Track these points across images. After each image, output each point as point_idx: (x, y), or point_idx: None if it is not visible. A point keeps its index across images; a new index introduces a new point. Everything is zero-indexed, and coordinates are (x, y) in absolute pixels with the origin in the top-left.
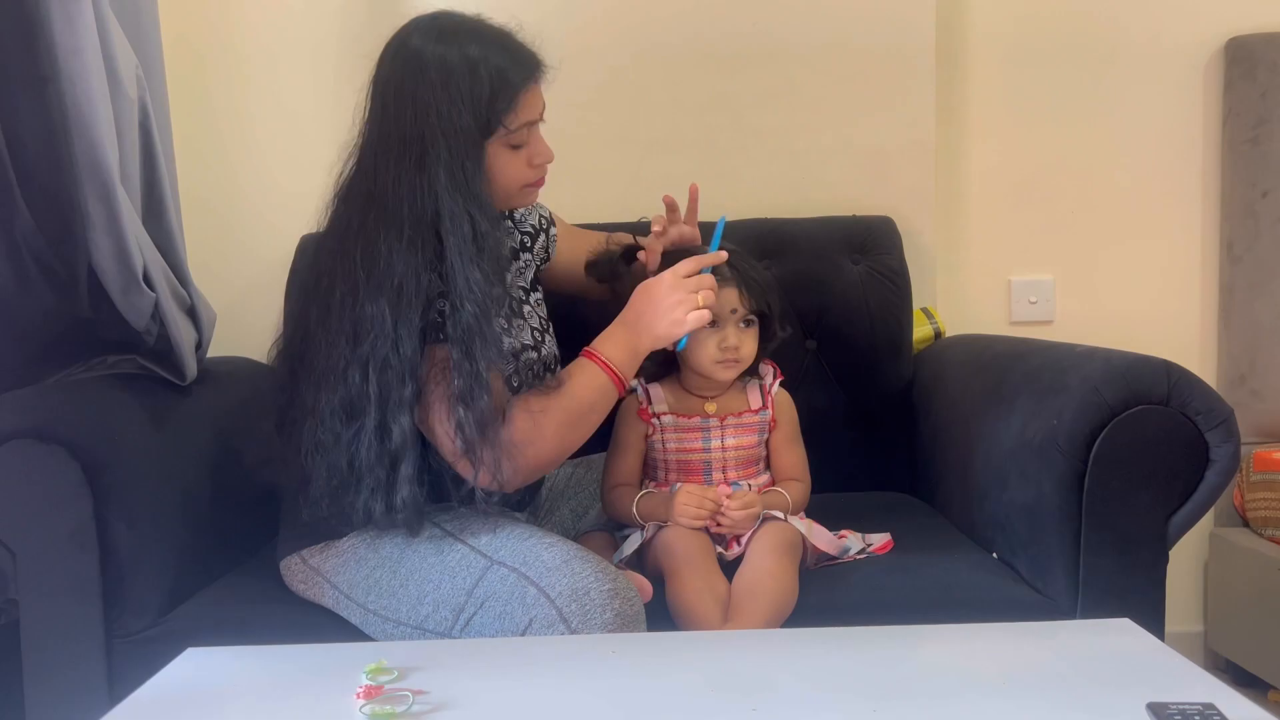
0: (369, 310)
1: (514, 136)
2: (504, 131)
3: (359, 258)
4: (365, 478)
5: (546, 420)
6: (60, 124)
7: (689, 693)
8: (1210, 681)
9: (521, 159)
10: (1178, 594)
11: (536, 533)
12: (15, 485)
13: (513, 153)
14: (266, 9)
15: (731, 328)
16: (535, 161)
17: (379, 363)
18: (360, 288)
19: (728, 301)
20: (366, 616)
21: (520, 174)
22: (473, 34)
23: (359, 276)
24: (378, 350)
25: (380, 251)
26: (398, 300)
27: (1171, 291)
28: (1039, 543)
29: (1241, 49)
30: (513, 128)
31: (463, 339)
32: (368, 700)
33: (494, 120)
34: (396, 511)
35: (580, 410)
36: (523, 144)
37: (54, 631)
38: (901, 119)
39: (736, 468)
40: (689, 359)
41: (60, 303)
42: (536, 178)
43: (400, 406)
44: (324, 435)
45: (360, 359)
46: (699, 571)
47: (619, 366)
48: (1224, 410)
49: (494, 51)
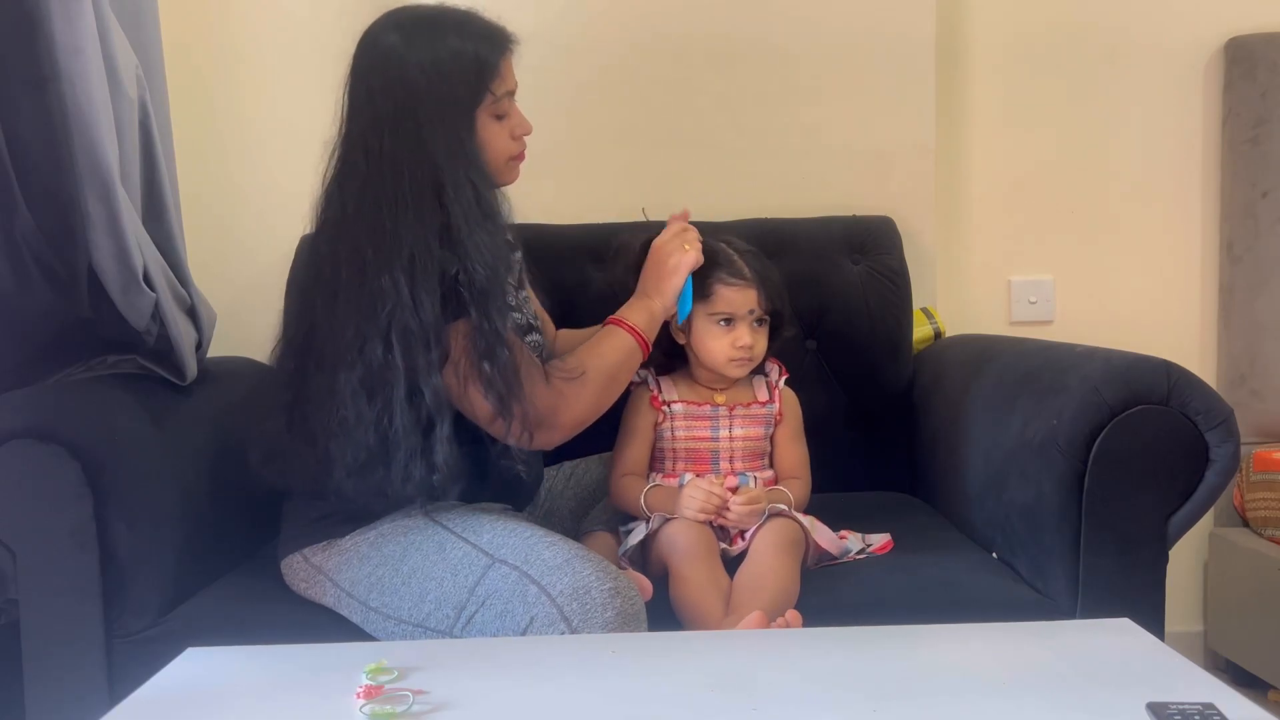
0: (382, 283)
1: (499, 105)
2: (491, 99)
3: (363, 238)
4: (401, 446)
5: (580, 380)
6: (60, 124)
7: (689, 693)
8: (1210, 681)
9: (505, 130)
10: (1178, 594)
11: (538, 531)
12: (15, 485)
13: (498, 124)
14: (267, 9)
15: (746, 327)
16: (516, 133)
17: (400, 331)
18: (368, 265)
19: (746, 301)
20: (368, 614)
21: (505, 145)
22: (445, 18)
23: (366, 255)
24: (397, 320)
25: (385, 227)
26: (411, 269)
27: (1171, 291)
28: (1039, 543)
29: (1241, 49)
30: (499, 94)
31: (480, 300)
32: (368, 700)
33: (481, 89)
34: (436, 471)
35: (610, 370)
36: (505, 114)
37: (54, 631)
38: (901, 119)
39: (744, 459)
40: (702, 355)
41: (60, 303)
42: (518, 150)
43: (429, 370)
44: (347, 414)
45: (380, 332)
46: (703, 567)
47: (641, 328)
48: (1224, 410)
49: (469, 29)
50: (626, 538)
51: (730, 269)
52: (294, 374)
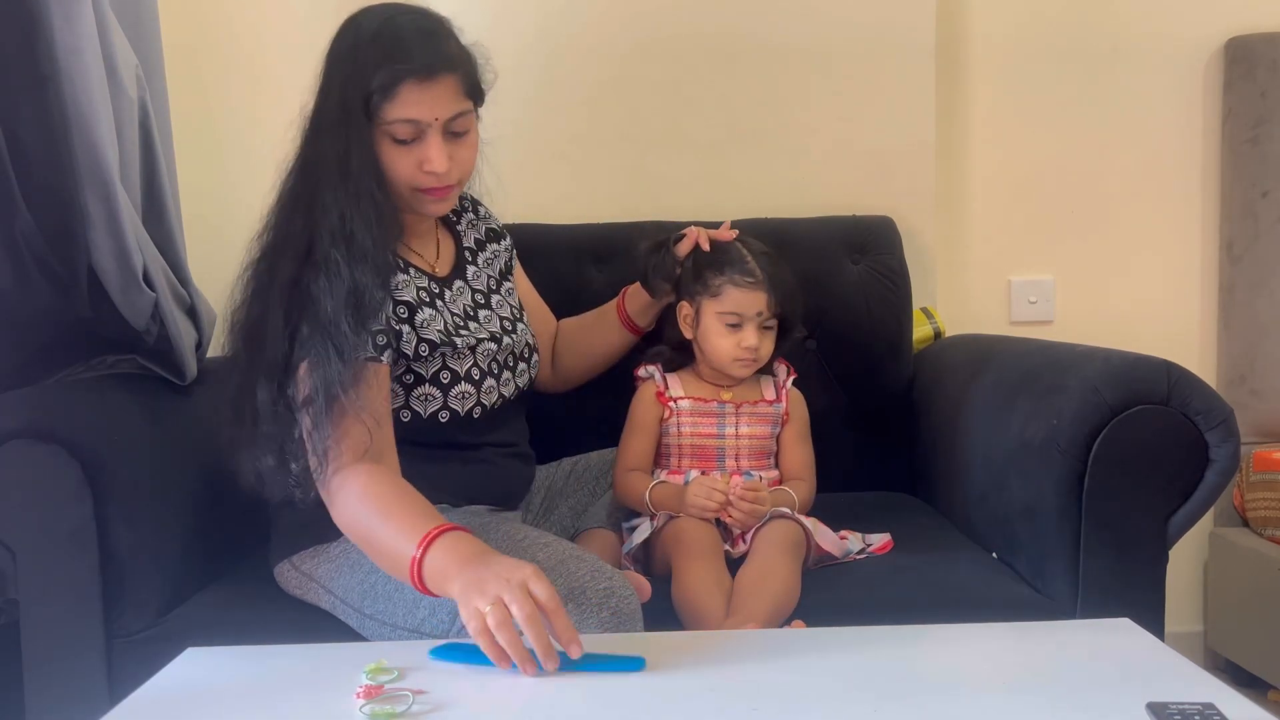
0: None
1: (394, 129)
2: (382, 121)
3: (270, 233)
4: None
5: (349, 511)
6: (60, 124)
7: (689, 692)
8: (1210, 681)
9: (409, 158)
10: (1178, 594)
11: (531, 533)
12: (15, 485)
13: (398, 149)
14: (267, 9)
15: (753, 328)
16: (425, 168)
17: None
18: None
19: (754, 303)
20: (364, 621)
21: (408, 174)
22: (382, 27)
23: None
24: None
25: (281, 225)
26: (294, 270)
27: (1171, 291)
28: (1039, 543)
29: (1241, 49)
30: (389, 119)
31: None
32: (368, 700)
33: (372, 107)
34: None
35: (368, 539)
36: (408, 140)
37: (54, 631)
38: (901, 119)
39: (749, 457)
40: (707, 352)
41: (60, 302)
42: (427, 184)
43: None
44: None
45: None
46: (706, 566)
47: (427, 576)
48: (1224, 410)
49: (389, 40)
50: (631, 535)
51: (742, 269)
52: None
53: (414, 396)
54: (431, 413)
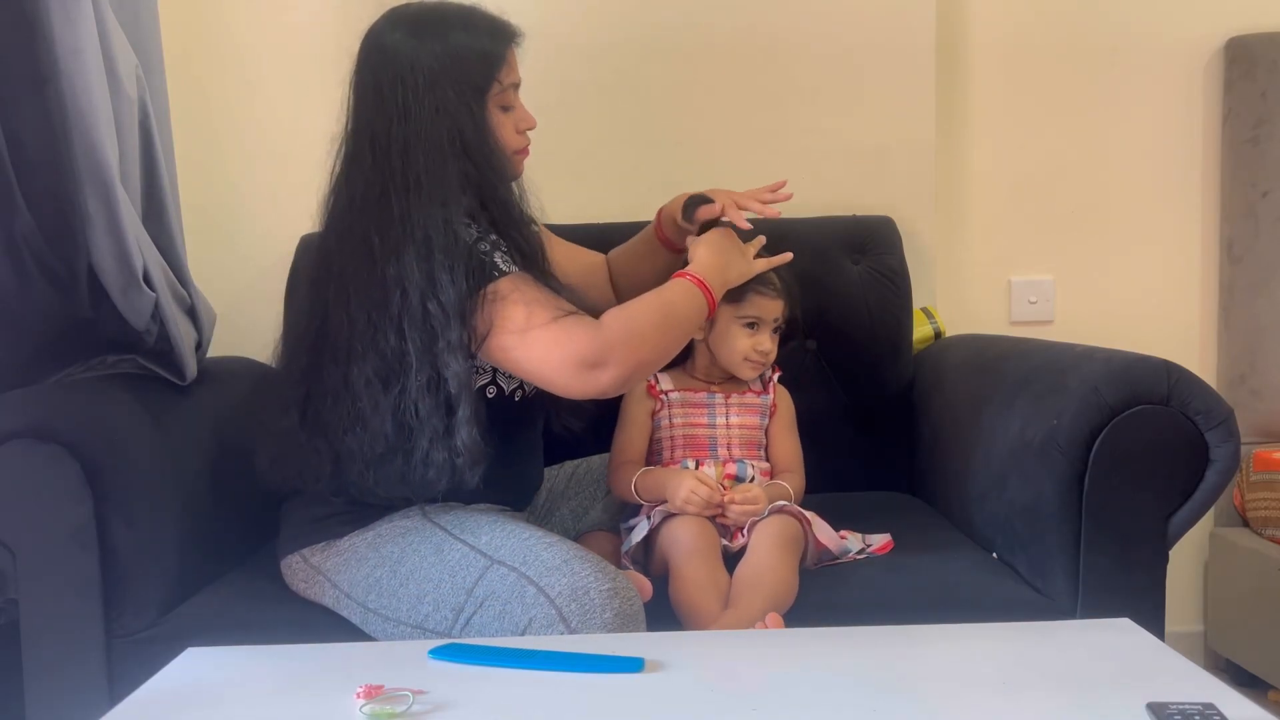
0: (390, 270)
1: (505, 96)
2: (498, 88)
3: (370, 228)
4: (422, 432)
5: (645, 321)
6: (60, 124)
7: (688, 693)
8: (1210, 681)
9: (510, 123)
10: (1178, 594)
11: (536, 532)
12: (15, 485)
13: (503, 115)
14: (267, 10)
15: (768, 333)
16: (520, 127)
17: (415, 318)
18: (376, 254)
19: (773, 310)
20: (367, 616)
21: (511, 138)
22: (450, 13)
23: (374, 244)
24: (411, 306)
25: (394, 214)
26: (427, 250)
27: (1171, 291)
28: (1039, 543)
29: (1241, 49)
30: (505, 83)
31: (527, 263)
32: (368, 700)
33: (489, 78)
34: (459, 454)
35: (675, 315)
36: (510, 106)
37: (54, 631)
38: (901, 119)
39: (741, 446)
40: (720, 351)
41: (60, 302)
42: (523, 145)
43: (450, 352)
44: (363, 405)
45: (393, 319)
46: (703, 565)
47: (711, 284)
48: (1224, 410)
49: (474, 22)
50: (629, 535)
51: (765, 278)
52: (306, 370)
53: (499, 374)
54: (511, 390)
